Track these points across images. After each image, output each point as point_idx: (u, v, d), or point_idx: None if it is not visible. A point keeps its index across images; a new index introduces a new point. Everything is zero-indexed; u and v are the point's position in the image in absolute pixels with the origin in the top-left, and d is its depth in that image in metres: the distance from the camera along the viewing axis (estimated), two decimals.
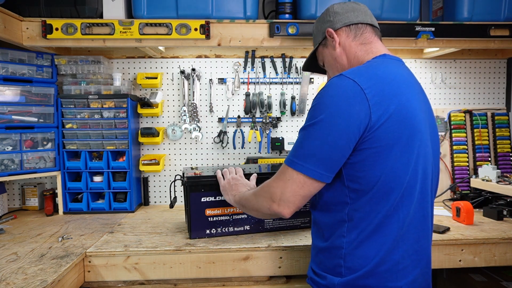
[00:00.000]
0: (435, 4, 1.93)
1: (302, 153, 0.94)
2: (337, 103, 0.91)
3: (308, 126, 0.95)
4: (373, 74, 0.96)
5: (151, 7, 1.70)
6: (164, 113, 2.11)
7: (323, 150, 0.92)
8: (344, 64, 1.12)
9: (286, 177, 0.97)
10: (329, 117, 0.91)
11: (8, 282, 1.10)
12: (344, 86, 0.92)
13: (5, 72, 1.74)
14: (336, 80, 0.95)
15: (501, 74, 2.22)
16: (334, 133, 0.90)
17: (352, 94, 0.91)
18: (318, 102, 0.95)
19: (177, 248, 1.38)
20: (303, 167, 0.94)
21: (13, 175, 1.78)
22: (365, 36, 1.11)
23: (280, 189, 0.97)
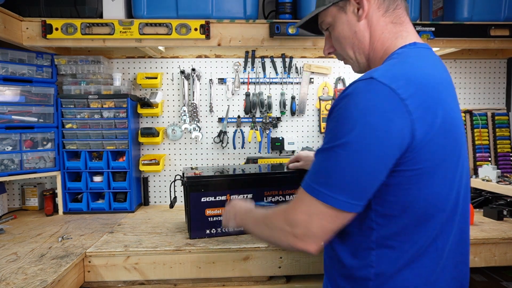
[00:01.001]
0: (435, 4, 1.93)
1: (331, 182, 0.75)
2: (370, 120, 0.71)
3: (335, 147, 0.75)
4: (412, 77, 0.76)
5: (151, 7, 1.70)
6: (164, 113, 2.11)
7: (357, 179, 0.74)
8: (364, 44, 0.90)
9: (310, 210, 0.77)
10: (361, 138, 0.72)
11: (8, 282, 1.10)
12: (378, 96, 0.72)
13: (5, 72, 1.74)
14: (366, 86, 0.74)
15: (501, 74, 2.22)
16: (370, 159, 0.73)
17: (389, 106, 0.72)
18: (343, 114, 0.75)
19: (177, 248, 1.38)
20: (335, 199, 0.75)
21: (13, 175, 1.78)
22: (398, 14, 0.88)
23: (304, 223, 0.78)
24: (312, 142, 2.16)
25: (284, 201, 1.54)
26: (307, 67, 2.11)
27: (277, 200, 1.54)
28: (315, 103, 2.14)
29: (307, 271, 1.41)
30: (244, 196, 1.51)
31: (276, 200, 1.54)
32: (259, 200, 1.52)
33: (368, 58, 0.91)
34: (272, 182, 1.53)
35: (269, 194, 1.53)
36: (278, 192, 1.54)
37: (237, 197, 1.50)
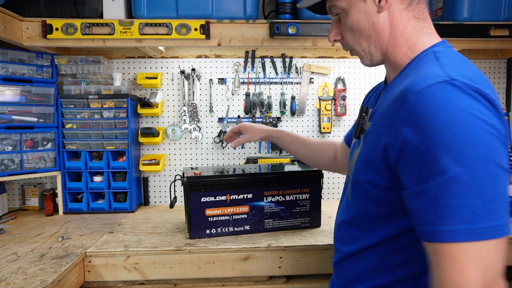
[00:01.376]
0: (435, 4, 1.93)
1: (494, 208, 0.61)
2: (478, 145, 0.61)
3: (446, 183, 0.61)
4: (485, 79, 0.71)
5: (151, 7, 1.70)
6: (164, 113, 2.11)
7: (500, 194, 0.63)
8: (382, 38, 0.83)
9: (477, 256, 0.60)
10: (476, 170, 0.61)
11: (8, 282, 1.10)
12: (476, 108, 0.63)
13: (5, 72, 1.74)
14: (453, 94, 0.64)
15: (501, 74, 2.22)
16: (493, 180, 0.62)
17: (491, 122, 0.63)
18: (437, 141, 0.63)
19: (177, 248, 1.38)
20: (502, 227, 0.61)
21: (13, 175, 1.78)
22: (421, 8, 0.83)
23: (482, 278, 0.60)
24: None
25: (284, 201, 1.55)
26: (307, 67, 2.11)
27: (277, 200, 1.54)
28: (315, 103, 2.15)
29: (307, 271, 1.42)
30: (244, 196, 1.51)
31: (276, 200, 1.54)
32: (259, 200, 1.52)
33: (386, 53, 0.85)
34: (272, 182, 1.53)
35: (269, 194, 1.53)
36: (278, 192, 1.54)
37: (237, 197, 1.50)
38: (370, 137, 0.83)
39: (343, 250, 0.94)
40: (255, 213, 1.53)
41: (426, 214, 0.64)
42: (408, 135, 0.66)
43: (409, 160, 0.67)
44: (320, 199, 1.60)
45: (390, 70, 0.89)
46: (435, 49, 0.79)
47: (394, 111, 0.72)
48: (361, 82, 2.15)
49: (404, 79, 0.79)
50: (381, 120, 0.79)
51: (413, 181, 0.67)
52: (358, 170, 0.86)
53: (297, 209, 1.57)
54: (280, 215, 1.55)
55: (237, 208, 1.51)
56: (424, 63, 0.77)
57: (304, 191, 1.57)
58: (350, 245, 0.91)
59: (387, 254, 0.83)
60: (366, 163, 0.82)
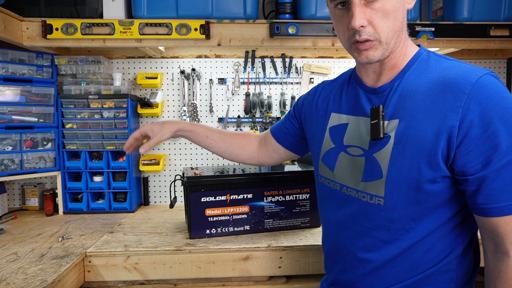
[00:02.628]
0: (435, 4, 1.93)
1: None
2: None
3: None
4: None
5: (151, 7, 1.70)
6: (164, 113, 2.11)
7: None
8: (400, 35, 0.85)
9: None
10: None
11: (8, 282, 1.10)
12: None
13: (5, 72, 1.74)
14: (500, 84, 0.77)
15: (501, 74, 2.22)
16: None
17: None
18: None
19: (177, 248, 1.38)
20: None
21: (13, 175, 1.78)
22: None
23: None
24: None
25: (284, 201, 1.55)
26: (307, 67, 2.11)
27: (277, 200, 1.54)
28: None
29: (307, 271, 1.41)
30: (244, 196, 1.51)
31: (276, 200, 1.54)
32: (259, 200, 1.52)
33: (394, 51, 0.86)
34: (272, 182, 1.53)
35: (269, 194, 1.53)
36: (278, 192, 1.54)
37: (237, 197, 1.50)
38: (411, 133, 0.81)
39: (375, 258, 0.89)
40: (255, 213, 1.53)
41: (498, 192, 0.73)
42: (472, 122, 0.73)
43: (474, 145, 0.74)
44: None
45: (383, 70, 0.89)
46: (428, 51, 0.88)
47: (447, 102, 0.76)
48: None
49: (420, 75, 0.84)
50: (424, 115, 0.79)
51: (479, 165, 0.74)
52: (400, 169, 0.82)
53: (297, 209, 1.57)
54: (280, 215, 1.55)
55: (237, 208, 1.51)
56: (437, 61, 0.85)
57: (304, 191, 1.57)
58: (383, 250, 0.87)
59: (430, 247, 0.84)
60: (415, 159, 0.80)
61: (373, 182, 0.86)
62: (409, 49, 0.88)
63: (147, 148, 1.17)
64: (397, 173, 0.82)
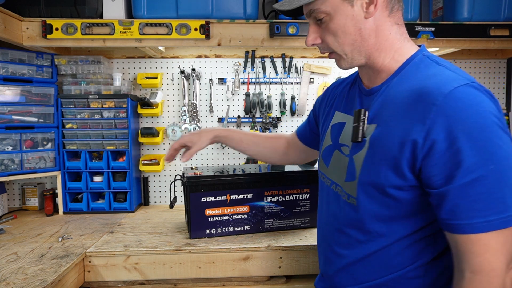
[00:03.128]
0: (435, 4, 1.93)
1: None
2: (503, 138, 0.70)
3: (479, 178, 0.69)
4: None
5: (151, 7, 1.70)
6: (164, 113, 2.11)
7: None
8: (368, 43, 0.85)
9: (504, 240, 0.69)
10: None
11: (8, 282, 1.10)
12: (495, 109, 0.72)
13: (5, 72, 1.74)
14: (477, 97, 0.71)
15: (501, 74, 2.22)
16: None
17: (503, 120, 0.73)
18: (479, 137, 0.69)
19: (177, 248, 1.38)
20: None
21: (13, 175, 1.78)
22: (399, 15, 0.87)
23: (507, 257, 0.70)
24: None
25: (284, 201, 1.55)
26: (307, 67, 2.11)
27: (277, 200, 1.54)
28: None
29: (307, 271, 1.42)
30: (244, 196, 1.51)
31: (276, 200, 1.54)
32: (259, 200, 1.52)
33: (369, 58, 0.87)
34: (272, 182, 1.53)
35: (269, 194, 1.53)
36: (278, 192, 1.54)
37: (237, 197, 1.50)
38: (383, 140, 0.82)
39: (348, 255, 0.92)
40: (255, 213, 1.53)
41: (461, 209, 0.70)
42: (438, 136, 0.71)
43: (438, 160, 0.71)
44: None
45: (375, 73, 0.90)
46: (425, 53, 0.84)
47: (417, 112, 0.74)
48: None
49: (409, 81, 0.81)
50: (396, 121, 0.79)
51: (443, 180, 0.71)
52: (368, 172, 0.85)
53: (297, 209, 1.57)
54: (280, 215, 1.55)
55: (237, 208, 1.51)
56: (426, 67, 0.81)
57: (304, 191, 1.57)
58: (356, 248, 0.90)
59: (398, 252, 0.85)
60: (382, 164, 0.81)
61: (350, 183, 0.89)
62: (404, 51, 0.86)
63: (187, 157, 1.28)
64: (366, 176, 0.85)
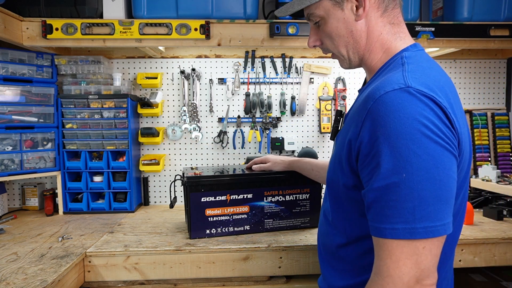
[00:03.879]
0: (435, 4, 1.93)
1: (428, 210, 0.67)
2: (425, 151, 0.67)
3: (392, 185, 0.68)
4: (442, 86, 0.74)
5: (151, 7, 1.70)
6: (164, 113, 2.11)
7: (447, 190, 0.69)
8: (360, 44, 0.86)
9: (410, 252, 0.67)
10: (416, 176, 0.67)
11: (8, 282, 1.10)
12: (426, 116, 0.67)
13: (5, 72, 1.74)
14: (405, 101, 0.68)
15: (501, 74, 2.22)
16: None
17: (442, 130, 0.68)
18: (386, 143, 0.68)
19: (177, 248, 1.38)
20: (437, 228, 0.67)
21: (13, 175, 1.78)
22: (395, 13, 0.86)
23: (413, 271, 0.67)
24: (312, 142, 2.17)
25: (284, 201, 1.55)
26: (307, 67, 2.11)
27: (277, 200, 1.54)
28: (315, 103, 2.15)
29: (307, 271, 1.42)
30: (244, 196, 1.51)
31: (276, 200, 1.54)
32: (259, 200, 1.52)
33: (362, 58, 0.89)
34: (272, 182, 1.53)
35: (269, 194, 1.53)
36: (278, 192, 1.54)
37: (237, 197, 1.50)
38: (339, 139, 0.87)
39: (325, 245, 0.98)
40: (255, 213, 1.53)
41: (374, 212, 0.72)
42: (364, 139, 0.73)
43: (364, 162, 0.74)
44: (320, 199, 1.60)
45: (367, 74, 0.94)
46: (404, 53, 0.83)
47: (358, 116, 0.76)
48: (361, 82, 2.15)
49: (373, 84, 0.82)
50: (348, 123, 0.83)
51: (367, 182, 0.74)
52: (330, 169, 0.91)
53: (297, 209, 1.57)
54: (280, 215, 1.55)
55: (237, 208, 1.51)
56: (391, 69, 0.81)
57: (304, 191, 1.57)
58: (330, 240, 0.95)
59: (362, 254, 0.85)
60: (336, 163, 0.86)
61: (326, 178, 0.95)
62: (392, 51, 0.85)
63: (259, 168, 1.55)
64: (329, 173, 0.92)
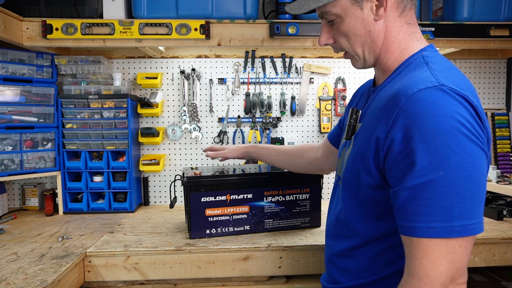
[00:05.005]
0: (435, 4, 1.93)
1: (466, 208, 0.67)
2: (464, 148, 0.67)
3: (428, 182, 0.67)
4: (471, 86, 0.75)
5: (151, 7, 1.70)
6: (164, 113, 2.11)
7: (481, 189, 0.70)
8: (377, 44, 0.85)
9: (447, 251, 0.67)
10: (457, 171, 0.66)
11: (8, 282, 1.10)
12: (462, 115, 0.68)
13: (5, 72, 1.74)
14: (441, 100, 0.68)
15: (501, 74, 2.22)
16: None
17: (476, 128, 0.69)
18: (425, 141, 0.67)
19: (177, 248, 1.38)
20: (474, 226, 0.68)
21: (13, 175, 1.78)
22: (412, 14, 0.86)
23: (450, 270, 0.68)
24: (312, 142, 2.16)
25: (284, 201, 1.55)
26: (307, 67, 2.11)
27: (277, 200, 1.54)
28: (315, 103, 2.15)
29: (307, 271, 1.42)
30: (244, 196, 1.51)
31: (276, 200, 1.54)
32: (259, 200, 1.52)
33: (378, 58, 0.88)
34: (272, 182, 1.53)
35: (269, 194, 1.53)
36: (278, 192, 1.54)
37: (237, 197, 1.50)
38: (360, 138, 0.85)
39: (335, 247, 0.96)
40: (255, 213, 1.53)
41: (407, 211, 0.70)
42: (396, 136, 0.71)
43: (394, 160, 0.72)
44: (320, 199, 1.60)
45: (380, 73, 0.91)
46: (424, 53, 0.82)
47: (385, 113, 0.75)
48: (361, 82, 2.15)
49: (395, 82, 0.81)
50: (372, 121, 0.81)
51: (398, 180, 0.72)
52: (348, 169, 0.88)
53: (297, 209, 1.57)
54: (280, 215, 1.55)
55: (237, 208, 1.51)
56: (415, 67, 0.80)
57: (304, 191, 1.57)
58: (341, 242, 0.93)
59: (380, 252, 0.85)
60: (357, 162, 0.84)
61: (342, 178, 0.93)
62: (409, 51, 0.85)
63: (215, 155, 1.51)
64: (347, 173, 0.89)
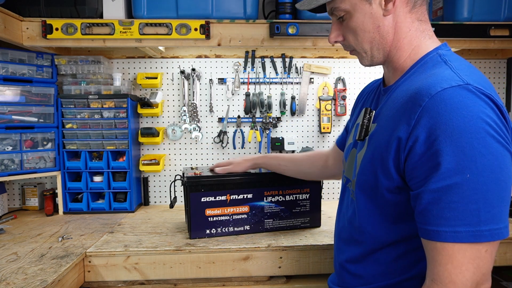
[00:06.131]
0: (435, 4, 1.93)
1: (492, 212, 0.65)
2: (489, 149, 0.64)
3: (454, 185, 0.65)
4: (491, 84, 0.73)
5: (151, 7, 1.70)
6: (164, 113, 2.11)
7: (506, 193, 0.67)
8: (386, 41, 0.83)
9: (473, 256, 0.65)
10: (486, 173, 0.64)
11: (8, 282, 1.10)
12: (488, 115, 0.66)
13: (5, 72, 1.74)
14: (468, 99, 0.66)
15: (501, 74, 2.22)
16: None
17: (502, 129, 0.67)
18: (452, 141, 0.65)
19: (177, 248, 1.38)
20: (501, 230, 0.66)
21: (13, 175, 1.78)
22: (423, 10, 0.83)
23: (475, 276, 0.66)
24: (312, 142, 2.16)
25: (284, 201, 1.55)
26: (307, 67, 2.11)
27: (277, 200, 1.54)
28: (315, 103, 2.15)
29: (307, 271, 1.42)
30: (244, 196, 1.51)
31: (276, 200, 1.54)
32: (259, 200, 1.52)
33: (388, 55, 0.86)
34: (272, 182, 1.53)
35: (269, 194, 1.53)
36: (278, 192, 1.54)
37: (237, 197, 1.50)
38: (376, 139, 0.82)
39: (347, 252, 0.92)
40: (255, 213, 1.53)
41: (430, 214, 0.67)
42: (419, 137, 0.68)
43: (417, 162, 0.69)
44: (320, 199, 1.60)
45: (391, 72, 0.89)
46: (440, 52, 0.80)
47: (406, 113, 0.72)
48: (361, 82, 2.15)
49: (412, 81, 0.79)
50: (389, 122, 0.78)
51: (420, 182, 0.69)
52: (364, 171, 0.85)
53: (297, 209, 1.57)
54: (280, 215, 1.55)
55: (237, 208, 1.51)
56: (433, 66, 0.78)
57: (304, 191, 1.57)
58: (354, 247, 0.90)
59: (396, 257, 0.82)
60: (374, 164, 0.81)
61: (353, 180, 0.91)
62: (422, 49, 0.83)
63: (222, 170, 1.49)
64: (361, 175, 0.86)
